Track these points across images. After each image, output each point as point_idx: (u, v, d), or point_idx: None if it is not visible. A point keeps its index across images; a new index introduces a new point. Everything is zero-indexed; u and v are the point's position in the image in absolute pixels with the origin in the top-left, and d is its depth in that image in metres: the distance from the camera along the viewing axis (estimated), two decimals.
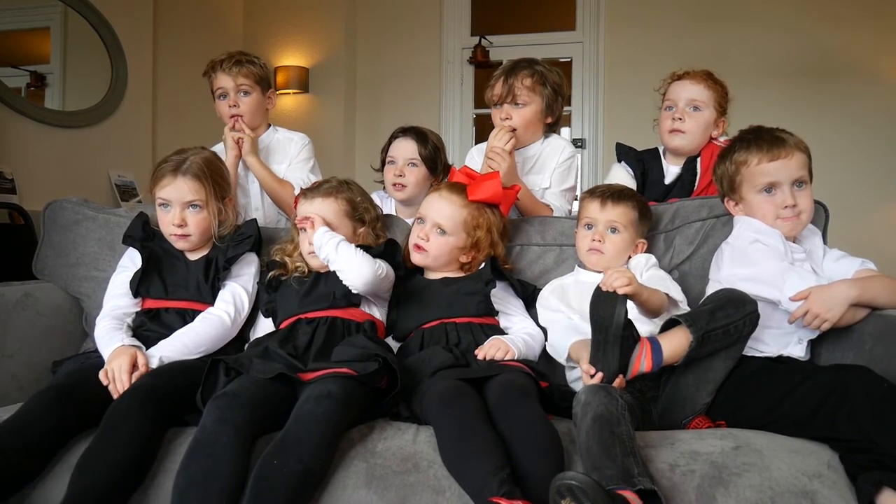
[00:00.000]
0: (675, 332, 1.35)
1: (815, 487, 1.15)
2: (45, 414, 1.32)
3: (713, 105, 2.00)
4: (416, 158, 2.13)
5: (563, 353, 1.54)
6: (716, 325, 1.32)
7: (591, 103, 4.64)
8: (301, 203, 1.72)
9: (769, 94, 4.14)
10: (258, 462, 1.18)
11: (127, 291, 1.67)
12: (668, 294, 1.53)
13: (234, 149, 2.15)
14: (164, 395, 1.37)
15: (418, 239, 1.69)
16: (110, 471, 1.22)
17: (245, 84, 2.17)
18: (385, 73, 4.84)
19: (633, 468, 1.11)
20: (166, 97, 4.02)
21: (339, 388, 1.31)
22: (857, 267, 1.54)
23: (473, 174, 1.77)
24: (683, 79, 2.04)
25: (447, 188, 1.74)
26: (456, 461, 1.20)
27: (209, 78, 2.22)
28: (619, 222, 1.64)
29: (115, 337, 1.54)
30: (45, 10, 3.48)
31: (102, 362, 1.48)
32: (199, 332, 1.59)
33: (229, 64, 2.17)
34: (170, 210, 1.67)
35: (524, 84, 2.01)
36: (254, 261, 1.77)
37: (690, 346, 1.31)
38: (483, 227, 1.69)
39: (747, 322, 1.34)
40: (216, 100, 2.22)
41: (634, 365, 1.32)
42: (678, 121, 2.00)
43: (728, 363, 1.40)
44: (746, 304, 1.35)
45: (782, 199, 1.52)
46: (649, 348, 1.33)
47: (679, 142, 2.02)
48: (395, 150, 2.17)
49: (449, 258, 1.71)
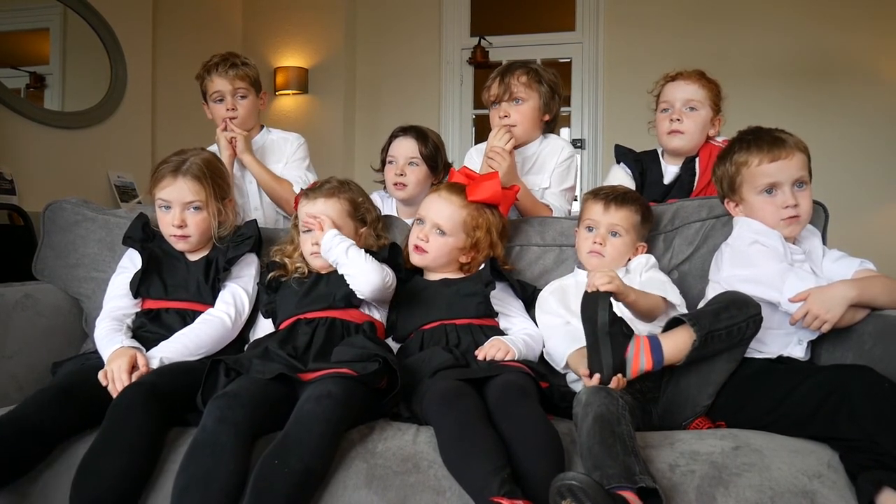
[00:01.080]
0: (678, 331, 1.35)
1: (815, 487, 1.15)
2: (46, 407, 1.32)
3: (709, 104, 2.01)
4: (416, 157, 2.13)
5: (561, 361, 1.54)
6: (719, 326, 1.32)
7: (591, 104, 4.64)
8: (303, 203, 1.72)
9: (769, 95, 4.14)
10: (258, 462, 1.18)
11: (127, 292, 1.67)
12: (665, 297, 1.53)
13: (228, 149, 2.14)
14: (165, 394, 1.37)
15: (418, 240, 1.69)
16: (113, 482, 1.21)
17: (242, 87, 2.17)
18: (385, 74, 4.84)
19: (634, 466, 1.11)
20: (166, 98, 4.02)
21: (340, 388, 1.31)
22: (856, 267, 1.54)
23: (473, 174, 1.77)
24: (677, 79, 2.03)
25: (446, 189, 1.73)
26: (456, 461, 1.20)
27: (202, 81, 2.21)
28: (621, 226, 1.64)
29: (114, 338, 1.54)
30: (45, 11, 3.48)
31: (102, 363, 1.48)
32: (199, 334, 1.59)
33: (225, 67, 2.15)
34: (170, 211, 1.67)
35: (520, 81, 2.03)
36: (254, 262, 1.77)
37: (693, 346, 1.31)
38: (483, 227, 1.69)
39: (750, 324, 1.35)
40: (210, 103, 2.21)
41: (634, 363, 1.32)
42: (676, 121, 2.00)
43: (730, 365, 1.40)
44: (750, 306, 1.36)
45: (783, 199, 1.52)
46: (648, 346, 1.32)
47: (678, 142, 2.02)
48: (396, 149, 2.17)
49: (448, 259, 1.70)
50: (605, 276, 1.37)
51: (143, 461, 1.26)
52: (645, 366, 1.32)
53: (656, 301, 1.51)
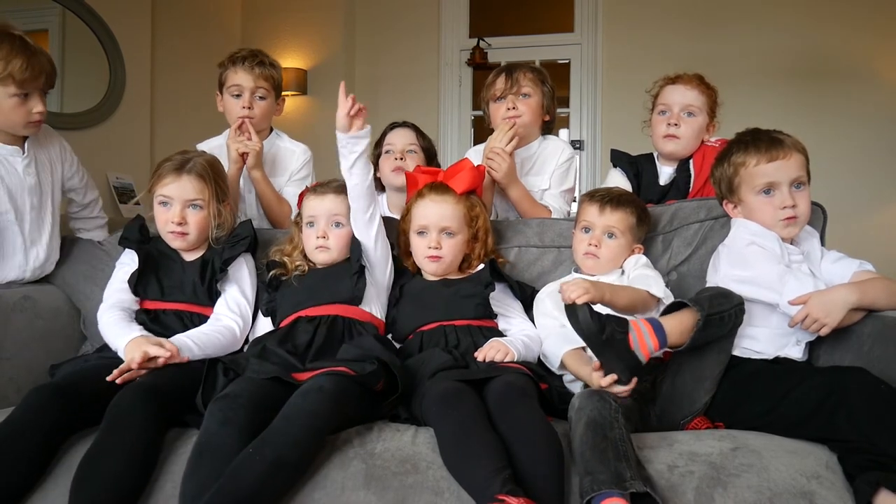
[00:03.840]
0: (679, 313, 1.36)
1: (813, 488, 1.15)
2: (44, 412, 1.31)
3: (706, 110, 2.00)
4: (414, 145, 2.13)
5: (556, 361, 1.55)
6: (714, 311, 1.34)
7: (589, 105, 4.64)
8: (310, 198, 1.74)
9: (768, 95, 4.15)
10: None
11: (128, 287, 1.67)
12: (649, 291, 1.53)
13: (238, 162, 2.03)
14: (164, 394, 1.36)
15: (430, 250, 1.68)
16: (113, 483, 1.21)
17: (264, 87, 2.08)
18: (383, 75, 4.84)
19: (625, 472, 1.12)
20: (164, 99, 4.02)
21: (331, 384, 1.31)
22: (855, 268, 1.54)
23: (436, 170, 1.81)
24: (677, 83, 2.02)
25: (433, 192, 1.72)
26: (457, 462, 1.20)
27: (223, 70, 2.10)
28: (616, 227, 1.65)
29: (132, 327, 1.54)
30: (43, 12, 3.47)
31: (102, 364, 1.46)
32: (213, 342, 1.57)
33: (252, 62, 2.06)
34: (170, 207, 1.67)
35: (527, 77, 2.05)
36: (249, 262, 1.77)
37: (697, 325, 1.32)
38: (480, 215, 1.73)
39: (738, 312, 1.38)
40: (225, 96, 2.10)
41: (641, 348, 1.31)
42: (673, 126, 1.99)
43: (721, 357, 1.41)
44: (733, 296, 1.39)
45: (781, 199, 1.52)
46: (650, 328, 1.32)
47: (673, 147, 2.01)
48: (393, 138, 2.16)
49: (461, 257, 1.73)
50: (579, 288, 1.35)
51: (143, 462, 1.26)
52: (653, 345, 1.32)
53: (637, 295, 1.51)
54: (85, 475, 1.21)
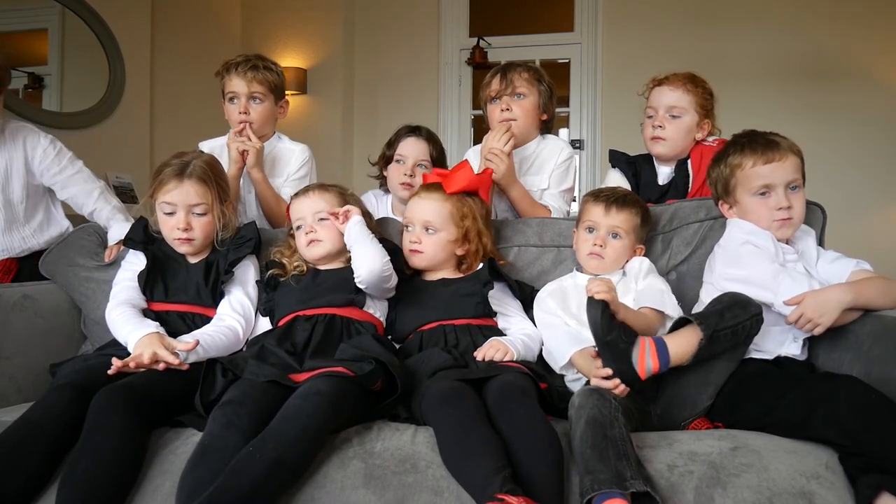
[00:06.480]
0: (683, 331, 1.36)
1: (812, 488, 1.15)
2: (64, 411, 1.31)
3: (694, 109, 1.98)
4: (426, 160, 2.14)
5: (562, 360, 1.53)
6: (725, 325, 1.33)
7: (589, 104, 4.65)
8: (294, 203, 1.76)
9: (767, 95, 4.15)
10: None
11: (137, 286, 1.66)
12: (664, 311, 1.53)
13: (238, 161, 2.04)
14: (144, 395, 1.35)
15: (411, 244, 1.71)
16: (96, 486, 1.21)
17: (258, 91, 2.08)
18: (383, 75, 4.84)
19: (626, 471, 1.12)
20: (164, 98, 4.02)
21: (330, 386, 1.31)
22: (852, 268, 1.53)
23: (443, 171, 1.80)
24: (663, 84, 2.02)
25: (424, 189, 1.77)
26: (457, 461, 1.20)
27: (221, 78, 2.13)
28: (621, 228, 1.65)
29: (146, 322, 1.54)
30: (43, 12, 3.48)
31: (103, 363, 1.43)
32: (217, 344, 1.57)
33: (245, 68, 2.08)
34: (175, 214, 1.67)
35: (522, 77, 2.04)
36: (254, 264, 1.77)
37: (700, 345, 1.32)
38: (469, 215, 1.72)
39: (754, 323, 1.36)
40: (226, 102, 2.14)
41: (640, 365, 1.33)
42: (658, 128, 2.00)
43: (730, 365, 1.41)
44: (752, 305, 1.37)
45: (776, 201, 1.53)
46: (654, 348, 1.33)
47: (660, 149, 2.02)
48: (406, 148, 2.16)
49: (446, 254, 1.72)
50: (603, 286, 1.37)
51: (123, 463, 1.25)
52: (652, 367, 1.33)
53: (649, 324, 1.50)
54: (66, 478, 1.22)
